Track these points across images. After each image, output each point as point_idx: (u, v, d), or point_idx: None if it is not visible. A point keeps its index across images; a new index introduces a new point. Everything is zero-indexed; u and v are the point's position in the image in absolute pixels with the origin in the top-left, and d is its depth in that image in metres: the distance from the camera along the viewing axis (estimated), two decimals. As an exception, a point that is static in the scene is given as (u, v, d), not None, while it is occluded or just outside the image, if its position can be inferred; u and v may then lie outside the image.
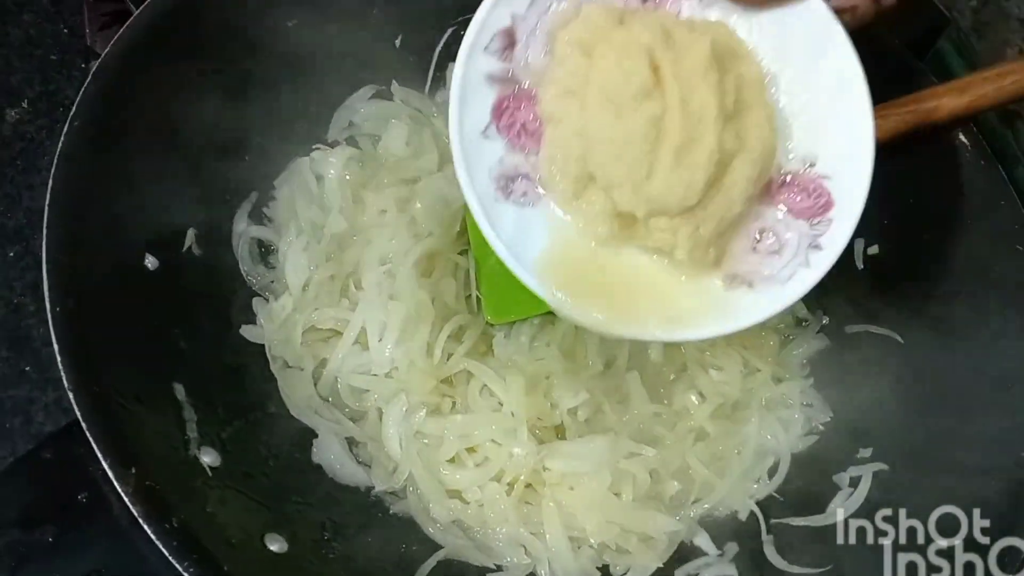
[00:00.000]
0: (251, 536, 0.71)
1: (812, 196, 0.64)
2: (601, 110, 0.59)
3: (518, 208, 0.64)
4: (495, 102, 0.63)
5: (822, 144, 0.64)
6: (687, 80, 0.57)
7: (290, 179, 0.97)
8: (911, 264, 0.93)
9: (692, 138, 0.58)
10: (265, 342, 0.88)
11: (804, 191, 0.64)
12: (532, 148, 0.64)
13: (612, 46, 0.59)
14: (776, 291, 0.64)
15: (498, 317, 0.91)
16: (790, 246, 0.64)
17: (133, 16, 0.82)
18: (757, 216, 0.64)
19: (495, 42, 0.63)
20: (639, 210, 0.61)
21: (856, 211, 0.63)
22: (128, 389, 0.70)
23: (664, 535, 0.84)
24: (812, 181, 0.64)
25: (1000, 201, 0.88)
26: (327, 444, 0.85)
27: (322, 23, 0.96)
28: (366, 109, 1.03)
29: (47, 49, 1.20)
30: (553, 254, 0.64)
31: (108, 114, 0.77)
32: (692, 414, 0.91)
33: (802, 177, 0.64)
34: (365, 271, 0.92)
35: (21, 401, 0.99)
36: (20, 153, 1.12)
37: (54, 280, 0.69)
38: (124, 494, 0.62)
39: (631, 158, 0.59)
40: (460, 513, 0.84)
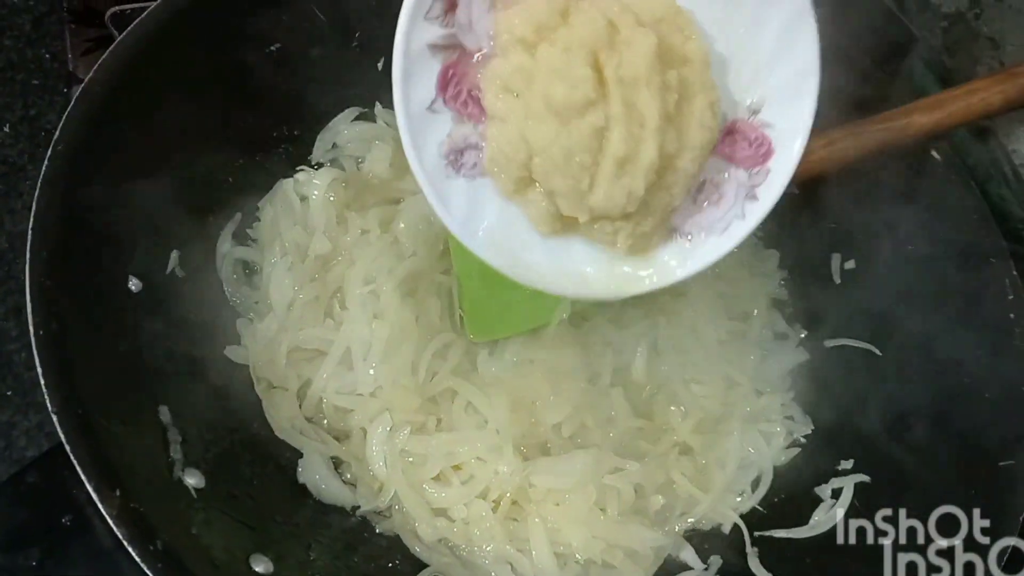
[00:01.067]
0: (236, 558, 0.71)
1: (753, 145, 0.64)
2: (544, 119, 0.59)
3: (469, 181, 0.64)
4: (440, 72, 0.62)
5: (768, 89, 0.63)
6: (631, 85, 0.57)
7: (274, 200, 0.98)
8: (887, 278, 0.95)
9: (634, 149, 0.58)
10: (249, 363, 0.88)
11: (746, 140, 0.64)
12: (480, 118, 0.63)
13: (555, 48, 0.58)
14: (712, 242, 0.65)
15: (481, 335, 0.92)
16: (727, 197, 0.64)
17: (116, 41, 0.82)
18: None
19: (435, 6, 0.61)
20: (581, 217, 0.62)
21: (793, 160, 0.63)
22: (112, 411, 0.70)
23: (650, 550, 0.85)
24: (755, 129, 0.64)
25: (973, 215, 0.90)
26: (312, 464, 0.85)
27: (305, 47, 0.97)
28: (349, 131, 1.04)
29: (29, 74, 1.20)
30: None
31: (91, 138, 0.78)
32: (675, 429, 0.92)
33: (745, 125, 0.64)
34: (349, 291, 0.93)
35: (2, 426, 0.98)
36: (1, 178, 1.12)
37: (37, 303, 0.69)
38: (108, 516, 0.62)
39: (573, 170, 0.59)
40: (446, 531, 0.84)
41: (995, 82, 0.85)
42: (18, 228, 1.09)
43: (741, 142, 0.64)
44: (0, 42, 1.21)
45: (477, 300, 0.91)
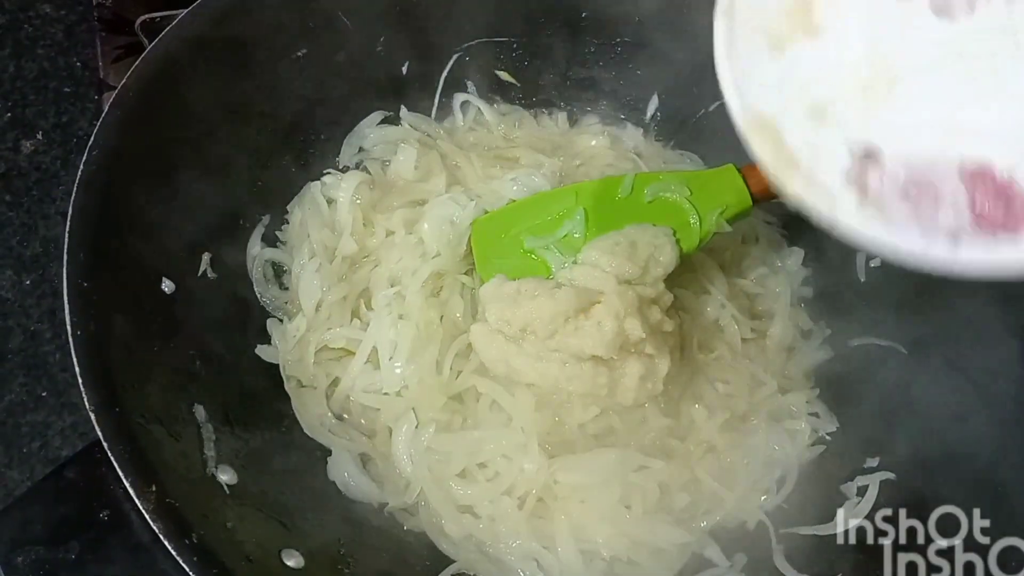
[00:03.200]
0: (268, 552, 0.72)
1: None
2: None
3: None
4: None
5: None
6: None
7: (302, 203, 1.00)
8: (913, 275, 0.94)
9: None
10: (279, 362, 0.90)
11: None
12: None
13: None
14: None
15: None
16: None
17: (148, 48, 0.84)
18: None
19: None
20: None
21: None
22: (148, 410, 0.71)
23: (674, 547, 0.85)
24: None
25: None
26: (341, 462, 0.86)
27: (331, 53, 0.99)
28: (375, 134, 1.06)
29: (61, 82, 1.23)
30: None
31: (125, 143, 0.79)
32: (701, 427, 0.93)
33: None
34: (375, 292, 0.94)
35: (38, 426, 1.01)
36: (35, 183, 1.15)
37: (75, 305, 0.71)
38: (145, 511, 0.64)
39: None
40: (472, 528, 0.85)
41: None
42: (51, 233, 1.11)
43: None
44: (33, 51, 1.24)
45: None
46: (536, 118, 1.16)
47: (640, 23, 1.08)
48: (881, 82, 0.59)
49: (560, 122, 1.16)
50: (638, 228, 0.92)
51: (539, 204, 0.98)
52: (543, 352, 0.86)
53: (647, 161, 1.13)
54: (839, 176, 0.58)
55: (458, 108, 1.12)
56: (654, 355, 0.87)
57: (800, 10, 0.62)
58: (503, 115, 1.14)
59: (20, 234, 1.11)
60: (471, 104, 1.12)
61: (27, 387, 1.02)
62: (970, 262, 0.54)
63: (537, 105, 1.16)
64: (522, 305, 0.85)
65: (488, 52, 1.10)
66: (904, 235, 0.55)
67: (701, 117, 1.11)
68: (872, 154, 0.58)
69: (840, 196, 0.57)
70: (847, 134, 0.58)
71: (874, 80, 0.59)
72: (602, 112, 1.17)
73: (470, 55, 1.10)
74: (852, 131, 0.58)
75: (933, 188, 0.56)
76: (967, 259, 0.54)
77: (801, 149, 0.59)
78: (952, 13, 0.59)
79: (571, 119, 1.17)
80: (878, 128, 0.58)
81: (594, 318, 0.84)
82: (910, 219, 0.56)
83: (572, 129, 1.16)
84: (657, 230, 0.92)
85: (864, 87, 0.59)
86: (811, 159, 0.58)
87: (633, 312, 0.85)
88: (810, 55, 0.61)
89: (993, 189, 0.55)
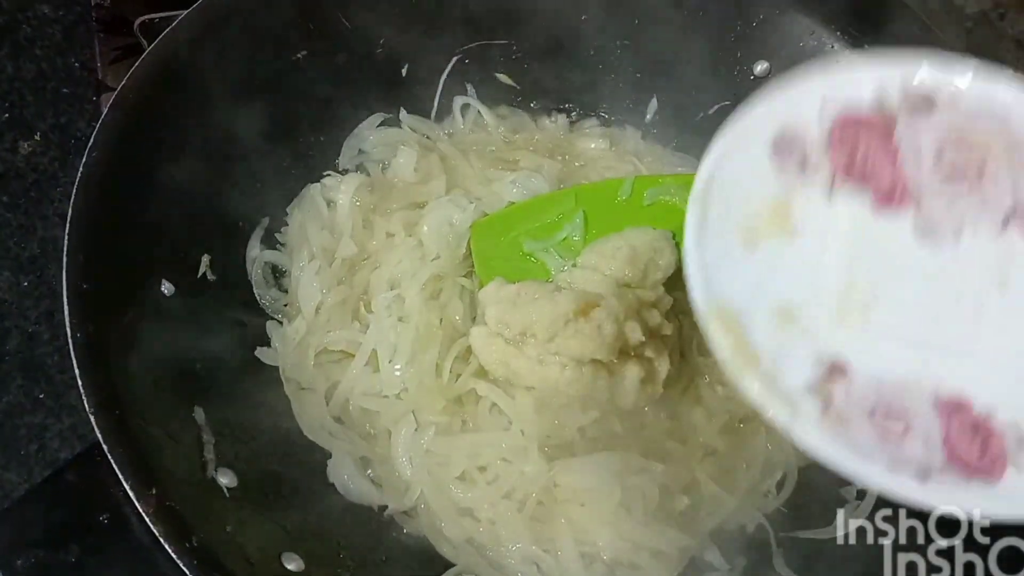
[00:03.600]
0: (269, 555, 0.72)
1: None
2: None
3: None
4: None
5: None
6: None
7: (302, 205, 1.00)
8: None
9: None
10: (279, 364, 0.90)
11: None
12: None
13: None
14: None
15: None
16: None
17: (147, 50, 0.84)
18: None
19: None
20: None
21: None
22: (147, 412, 0.71)
23: (675, 550, 0.85)
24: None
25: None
26: (340, 464, 0.86)
27: (331, 55, 0.99)
28: (375, 137, 1.06)
29: (59, 83, 1.23)
30: None
31: (125, 144, 0.79)
32: (701, 430, 0.93)
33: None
34: (375, 294, 0.94)
35: (36, 428, 1.00)
36: (33, 184, 1.14)
37: (74, 306, 0.70)
38: (145, 514, 0.64)
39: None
40: (472, 531, 0.85)
41: None
42: (49, 234, 1.11)
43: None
44: (31, 52, 1.24)
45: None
46: (536, 120, 1.16)
47: (639, 26, 1.08)
48: (857, 298, 0.58)
49: (560, 124, 1.16)
50: (638, 231, 0.92)
51: (539, 207, 0.98)
52: (543, 355, 0.85)
53: (647, 164, 1.13)
54: (802, 383, 0.55)
55: (458, 111, 1.12)
56: (654, 358, 0.87)
57: (779, 209, 0.61)
58: (503, 118, 1.14)
59: (18, 235, 1.10)
60: (471, 107, 1.12)
61: (25, 389, 1.01)
62: (940, 501, 0.51)
63: (537, 108, 1.16)
64: (522, 308, 0.85)
65: (487, 55, 1.10)
66: (868, 462, 0.53)
67: (701, 120, 1.11)
68: (840, 368, 0.56)
69: (801, 405, 0.55)
70: (815, 343, 0.56)
71: (849, 295, 0.58)
72: (601, 115, 1.17)
73: (469, 57, 1.10)
74: (821, 341, 0.57)
75: (904, 415, 0.54)
76: (936, 498, 0.51)
77: (764, 348, 0.57)
78: (936, 240, 0.58)
79: (571, 122, 1.17)
80: (849, 343, 0.56)
81: (594, 321, 0.84)
82: (875, 444, 0.53)
83: (572, 132, 1.16)
84: (657, 233, 0.92)
85: (839, 299, 0.58)
86: (774, 360, 0.56)
87: (633, 315, 0.85)
88: (784, 257, 0.60)
89: (970, 424, 0.53)
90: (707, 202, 0.61)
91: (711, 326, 0.58)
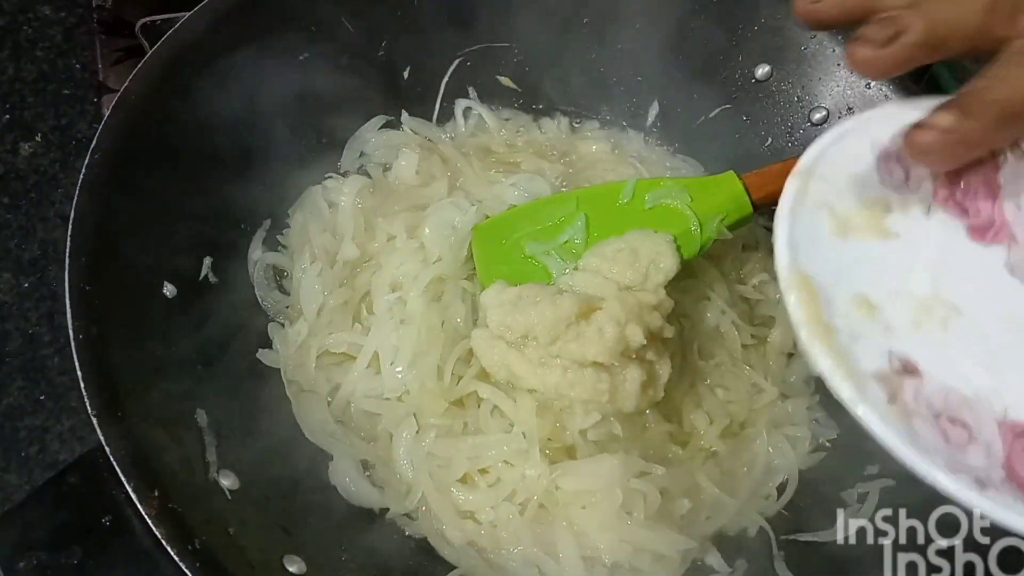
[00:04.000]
0: (271, 558, 0.72)
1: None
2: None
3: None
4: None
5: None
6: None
7: (303, 207, 1.00)
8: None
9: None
10: (280, 366, 0.90)
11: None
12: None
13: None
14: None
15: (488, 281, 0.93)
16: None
17: (150, 52, 0.84)
18: None
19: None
20: None
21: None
22: (149, 414, 0.71)
23: (676, 553, 0.85)
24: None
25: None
26: (342, 467, 0.86)
27: (333, 56, 0.99)
28: (376, 139, 1.06)
29: (60, 84, 1.23)
30: None
31: (127, 146, 0.79)
32: (702, 433, 0.93)
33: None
34: (376, 296, 0.94)
35: (36, 430, 1.00)
36: (34, 186, 1.15)
37: (77, 308, 0.70)
38: (147, 517, 0.64)
39: None
40: (473, 534, 0.85)
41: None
42: (50, 236, 1.11)
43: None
44: (32, 53, 1.24)
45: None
46: (538, 122, 1.16)
47: (640, 29, 1.09)
48: (938, 311, 0.58)
49: (562, 127, 1.16)
50: (639, 234, 0.92)
51: (540, 210, 0.98)
52: (544, 358, 0.85)
53: (648, 167, 1.13)
54: (873, 370, 0.54)
55: (460, 114, 1.12)
56: (655, 361, 0.87)
57: (876, 210, 0.61)
58: (505, 120, 1.14)
59: (18, 237, 1.10)
60: (473, 110, 1.12)
61: (25, 391, 1.01)
62: (994, 513, 0.51)
63: (538, 110, 1.16)
64: (523, 311, 0.85)
65: (489, 57, 1.11)
66: (929, 459, 0.52)
67: (702, 123, 1.11)
68: (911, 370, 0.55)
69: (869, 387, 0.53)
70: (891, 339, 0.56)
71: (931, 306, 0.58)
72: (603, 118, 1.17)
73: (471, 60, 1.10)
74: (897, 339, 0.56)
75: (968, 427, 0.54)
76: (993, 509, 0.51)
77: (840, 327, 0.56)
78: None
79: (572, 124, 1.17)
80: (923, 349, 0.56)
81: (595, 324, 0.84)
82: (938, 445, 0.52)
83: (574, 134, 1.16)
84: (658, 237, 0.92)
85: (919, 307, 0.58)
86: (847, 341, 0.55)
87: (634, 318, 0.85)
88: (873, 254, 0.60)
89: None
90: (809, 180, 0.62)
91: (791, 293, 0.57)
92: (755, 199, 0.92)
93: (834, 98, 1.02)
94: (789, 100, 1.06)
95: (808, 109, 1.05)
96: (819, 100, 1.04)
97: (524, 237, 0.95)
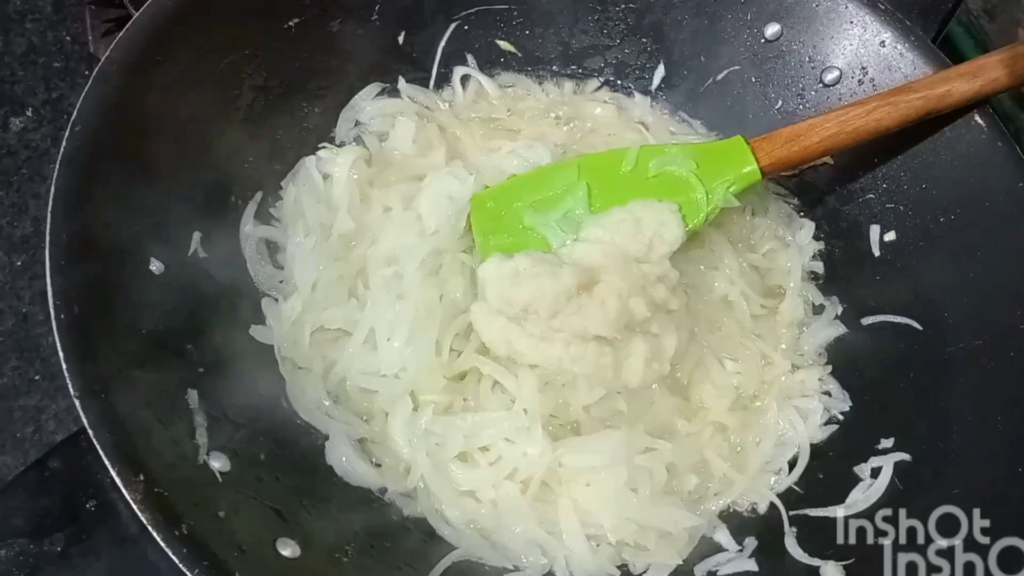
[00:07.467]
0: (263, 542, 0.70)
1: None
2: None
3: None
4: None
5: None
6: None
7: (297, 179, 0.97)
8: (929, 249, 0.91)
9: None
10: (274, 343, 0.87)
11: None
12: None
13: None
14: None
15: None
16: None
17: (132, 20, 0.81)
18: None
19: None
20: None
21: None
22: (136, 395, 0.69)
23: (683, 531, 0.83)
24: None
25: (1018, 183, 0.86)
26: (338, 446, 0.83)
27: (325, 22, 0.95)
28: (372, 107, 1.03)
29: (50, 57, 1.20)
30: None
31: (109, 118, 0.76)
32: (710, 407, 0.90)
33: None
34: (372, 271, 0.91)
35: (31, 410, 0.99)
36: (25, 162, 1.12)
37: (58, 287, 0.68)
38: (132, 501, 0.61)
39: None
40: (474, 513, 0.83)
41: None
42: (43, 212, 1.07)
43: None
44: (22, 26, 1.21)
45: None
46: (540, 85, 1.12)
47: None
48: None
49: (565, 89, 1.12)
50: (642, 204, 0.89)
51: (541, 179, 0.95)
52: (546, 332, 0.83)
53: (653, 131, 1.10)
54: None
55: (458, 82, 1.08)
56: (660, 334, 0.85)
57: None
58: (505, 87, 1.11)
59: (10, 214, 1.09)
60: (471, 77, 1.09)
61: (19, 370, 1.00)
62: None
63: (540, 75, 1.12)
64: (523, 285, 0.83)
65: (487, 20, 1.07)
66: None
67: (710, 85, 1.07)
68: None
69: None
70: None
71: None
72: (607, 80, 1.13)
73: (469, 23, 1.06)
74: None
75: None
76: None
77: None
78: None
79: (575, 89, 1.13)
80: None
81: (597, 297, 0.82)
82: None
83: (577, 95, 1.13)
84: (662, 206, 0.89)
85: None
86: None
87: (638, 291, 0.82)
88: None
89: None
90: None
91: None
92: (764, 165, 0.89)
93: (847, 57, 0.98)
94: (800, 60, 1.02)
95: (820, 70, 1.00)
96: (831, 60, 0.99)
97: (524, 207, 0.92)
